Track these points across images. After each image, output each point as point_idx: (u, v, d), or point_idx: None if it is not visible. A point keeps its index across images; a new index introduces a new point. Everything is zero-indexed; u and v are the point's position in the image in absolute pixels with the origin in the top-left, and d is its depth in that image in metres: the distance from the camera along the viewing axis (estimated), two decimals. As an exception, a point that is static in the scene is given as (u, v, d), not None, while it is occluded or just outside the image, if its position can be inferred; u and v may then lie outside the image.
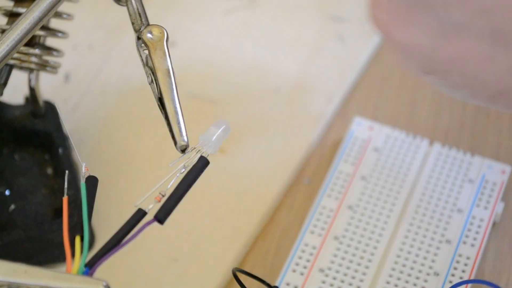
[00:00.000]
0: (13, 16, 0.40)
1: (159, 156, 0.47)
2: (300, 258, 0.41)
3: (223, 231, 0.44)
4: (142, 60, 0.38)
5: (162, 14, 0.54)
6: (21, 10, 0.40)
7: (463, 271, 0.41)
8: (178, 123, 0.36)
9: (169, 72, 0.37)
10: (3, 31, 0.39)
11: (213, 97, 0.50)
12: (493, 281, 0.41)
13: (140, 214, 0.33)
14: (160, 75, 0.37)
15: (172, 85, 0.37)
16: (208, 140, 0.35)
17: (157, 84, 0.37)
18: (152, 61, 0.37)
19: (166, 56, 0.37)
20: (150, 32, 0.38)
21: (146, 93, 0.49)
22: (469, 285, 0.40)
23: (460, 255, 0.41)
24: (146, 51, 0.38)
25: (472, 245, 0.42)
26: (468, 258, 0.41)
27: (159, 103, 0.37)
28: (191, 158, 0.35)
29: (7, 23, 0.41)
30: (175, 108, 0.36)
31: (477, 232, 0.42)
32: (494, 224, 0.43)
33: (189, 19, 0.54)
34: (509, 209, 0.44)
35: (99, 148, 0.48)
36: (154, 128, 0.48)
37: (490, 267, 0.42)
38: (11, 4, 0.41)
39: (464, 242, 0.42)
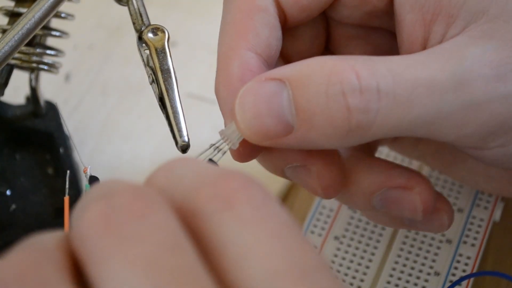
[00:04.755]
0: (14, 16, 0.41)
1: (161, 156, 0.47)
2: (300, 258, 0.41)
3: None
4: (143, 60, 0.38)
5: (163, 14, 0.54)
6: (22, 10, 0.40)
7: (464, 271, 0.41)
8: (179, 123, 0.36)
9: (170, 72, 0.37)
10: (4, 31, 0.39)
11: (213, 97, 0.50)
12: (494, 280, 0.41)
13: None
14: (161, 75, 0.37)
15: (173, 85, 0.37)
16: (228, 135, 0.34)
17: (158, 84, 0.37)
18: (153, 61, 0.37)
19: (167, 56, 0.37)
20: (151, 32, 0.38)
21: (147, 93, 0.49)
22: (471, 281, 0.40)
23: (460, 255, 0.41)
24: (147, 51, 0.38)
25: (473, 245, 0.42)
26: (468, 258, 0.41)
27: (160, 103, 0.37)
28: (212, 154, 0.34)
29: (8, 23, 0.41)
30: (176, 108, 0.36)
31: (477, 232, 0.42)
32: (494, 223, 0.43)
33: (190, 19, 0.54)
34: (509, 208, 0.44)
35: (100, 148, 0.48)
36: (155, 128, 0.48)
37: (491, 266, 0.42)
38: (12, 4, 0.41)
39: (465, 242, 0.42)
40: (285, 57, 0.37)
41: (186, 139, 0.36)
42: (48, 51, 0.42)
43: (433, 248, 0.41)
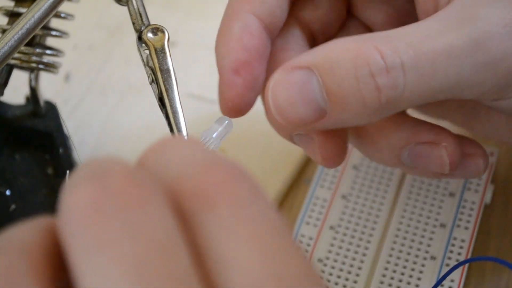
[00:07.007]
0: (13, 16, 0.41)
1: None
2: (297, 249, 0.41)
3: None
4: (142, 60, 0.38)
5: (163, 14, 0.54)
6: (21, 10, 0.40)
7: (459, 254, 0.41)
8: (179, 123, 0.36)
9: (169, 72, 0.37)
10: (4, 31, 0.39)
11: (213, 97, 0.50)
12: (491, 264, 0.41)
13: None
14: (160, 75, 0.37)
15: (172, 85, 0.37)
16: (210, 136, 0.35)
17: (158, 84, 0.37)
18: (152, 61, 0.37)
19: (167, 56, 0.37)
20: (151, 32, 0.38)
21: (147, 93, 0.49)
22: (466, 266, 0.40)
23: (455, 238, 0.41)
24: (147, 51, 0.38)
25: (466, 228, 0.42)
26: (463, 241, 0.41)
27: (159, 103, 0.37)
28: None
29: (8, 23, 0.41)
30: (176, 108, 0.36)
31: (469, 215, 0.42)
32: (485, 206, 0.43)
33: (190, 19, 0.54)
34: (499, 191, 0.44)
35: (100, 148, 0.48)
36: (154, 128, 0.48)
37: (485, 249, 0.42)
38: (12, 4, 0.41)
39: (458, 226, 0.42)
40: (304, 24, 0.38)
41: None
42: (48, 51, 0.42)
43: (427, 233, 0.42)
